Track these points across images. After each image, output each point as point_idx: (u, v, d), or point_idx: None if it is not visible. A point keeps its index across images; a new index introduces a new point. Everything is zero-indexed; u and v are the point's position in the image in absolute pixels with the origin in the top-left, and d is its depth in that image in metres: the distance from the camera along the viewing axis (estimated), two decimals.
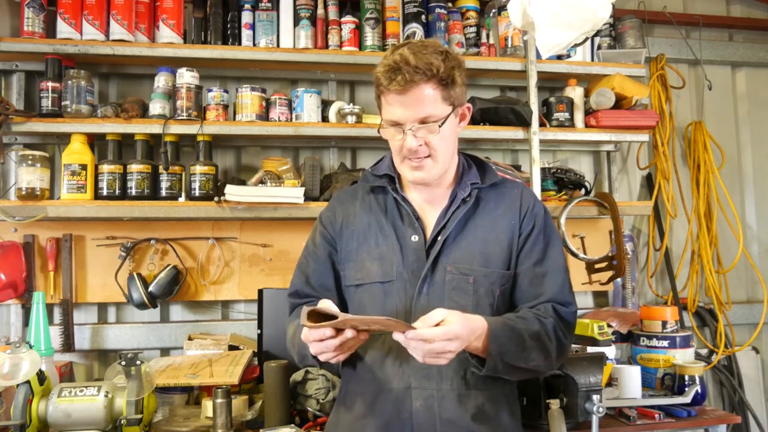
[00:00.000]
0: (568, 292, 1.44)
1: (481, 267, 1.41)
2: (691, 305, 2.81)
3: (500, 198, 1.49)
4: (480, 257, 1.41)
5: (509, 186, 1.52)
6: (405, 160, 1.39)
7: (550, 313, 1.39)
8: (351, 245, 1.47)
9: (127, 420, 1.66)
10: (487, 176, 1.50)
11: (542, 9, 1.73)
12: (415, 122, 1.34)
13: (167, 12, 2.26)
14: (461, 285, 1.39)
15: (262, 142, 2.50)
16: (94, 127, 2.16)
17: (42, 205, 2.09)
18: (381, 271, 1.42)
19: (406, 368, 1.36)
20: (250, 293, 2.40)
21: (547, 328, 1.35)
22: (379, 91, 1.38)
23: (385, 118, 1.39)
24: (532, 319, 1.36)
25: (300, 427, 1.81)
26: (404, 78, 1.29)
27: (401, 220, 1.46)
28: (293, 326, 1.46)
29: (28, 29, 2.16)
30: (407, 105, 1.33)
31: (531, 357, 1.32)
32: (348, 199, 1.55)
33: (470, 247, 1.42)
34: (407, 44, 1.37)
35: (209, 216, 2.28)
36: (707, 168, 2.84)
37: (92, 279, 2.32)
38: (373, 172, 1.52)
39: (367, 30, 2.42)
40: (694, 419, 1.97)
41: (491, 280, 1.41)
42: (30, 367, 1.61)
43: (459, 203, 1.44)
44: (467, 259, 1.41)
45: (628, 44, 2.66)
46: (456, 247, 1.42)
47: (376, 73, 1.37)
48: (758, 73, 3.07)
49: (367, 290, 1.43)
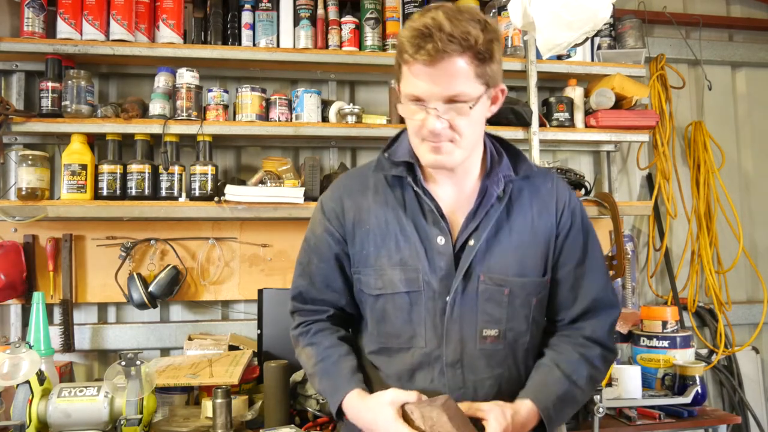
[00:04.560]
0: (612, 293, 1.35)
1: (517, 277, 1.25)
2: (691, 305, 2.81)
3: (534, 193, 1.31)
4: (515, 265, 1.25)
5: (542, 178, 1.34)
6: (424, 141, 1.18)
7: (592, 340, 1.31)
8: (367, 248, 1.28)
9: (127, 420, 1.66)
10: (520, 166, 1.30)
11: (543, 9, 1.72)
12: (440, 100, 1.13)
13: (167, 12, 2.26)
14: (495, 296, 1.24)
15: (262, 142, 2.50)
16: (94, 127, 2.16)
17: (42, 205, 2.09)
18: (405, 280, 1.25)
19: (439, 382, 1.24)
20: (250, 293, 2.40)
21: (594, 364, 1.29)
22: (402, 59, 1.14)
23: (405, 91, 1.17)
24: (579, 366, 1.27)
25: (300, 427, 1.81)
26: (435, 47, 1.08)
27: (423, 217, 1.26)
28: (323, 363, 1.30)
29: (28, 29, 2.16)
30: (435, 79, 1.11)
31: (581, 401, 1.31)
32: (357, 189, 1.32)
33: (505, 254, 1.25)
34: (440, 6, 1.13)
35: (209, 216, 2.28)
36: (707, 168, 2.84)
37: (92, 279, 2.32)
38: (390, 157, 1.29)
39: (367, 30, 2.42)
40: (694, 419, 1.97)
41: (527, 291, 1.26)
42: (30, 367, 1.61)
43: (493, 201, 1.25)
44: (502, 268, 1.25)
45: (628, 44, 2.66)
46: (489, 253, 1.25)
47: (400, 38, 1.14)
48: (758, 73, 3.07)
49: (390, 300, 1.27)
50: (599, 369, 1.30)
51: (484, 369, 1.25)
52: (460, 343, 1.24)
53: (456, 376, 1.24)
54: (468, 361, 1.24)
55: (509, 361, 1.27)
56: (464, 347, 1.24)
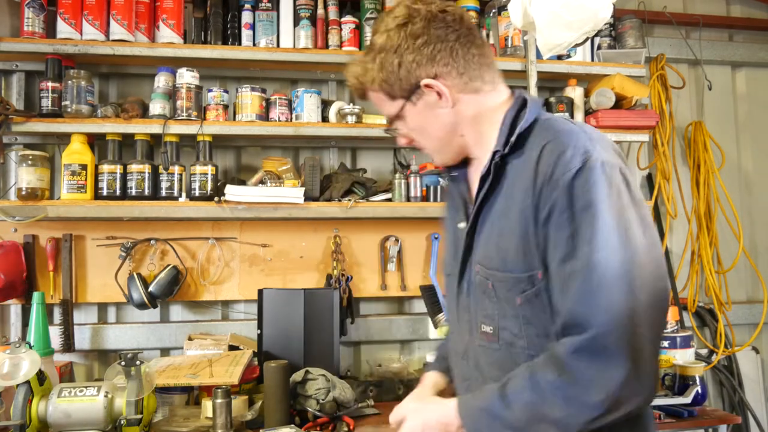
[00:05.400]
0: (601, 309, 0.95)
1: (498, 270, 1.11)
2: (691, 305, 2.81)
3: (521, 166, 1.10)
4: (496, 257, 1.11)
5: (536, 143, 1.08)
6: None
7: (552, 362, 0.99)
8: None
9: (127, 420, 1.66)
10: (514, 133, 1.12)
11: (543, 9, 1.72)
12: (390, 122, 1.25)
13: (167, 12, 2.26)
14: (487, 290, 1.13)
15: (262, 142, 2.50)
16: (94, 127, 2.16)
17: (42, 205, 2.09)
18: (447, 264, 1.32)
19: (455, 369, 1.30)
20: (250, 293, 2.40)
21: (541, 392, 0.99)
22: None
23: None
24: (521, 387, 1.01)
25: (300, 427, 1.81)
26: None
27: (453, 201, 1.32)
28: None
29: (28, 29, 2.16)
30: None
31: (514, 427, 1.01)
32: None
33: (488, 243, 1.14)
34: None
35: (209, 216, 2.28)
36: (707, 168, 2.84)
37: (92, 279, 2.32)
38: None
39: (368, 30, 2.41)
40: (694, 419, 1.97)
41: (508, 287, 1.09)
42: (30, 367, 1.61)
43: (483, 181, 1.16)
44: (485, 259, 1.14)
45: (628, 44, 2.66)
46: (477, 242, 1.17)
47: None
48: (758, 73, 3.07)
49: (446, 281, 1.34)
50: (548, 401, 0.98)
51: (487, 368, 1.18)
52: (468, 334, 1.22)
53: (464, 366, 1.24)
54: (472, 354, 1.22)
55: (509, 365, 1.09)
56: (469, 339, 1.21)
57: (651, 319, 0.96)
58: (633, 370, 0.93)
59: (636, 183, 1.03)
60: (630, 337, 0.94)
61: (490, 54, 1.22)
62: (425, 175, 2.38)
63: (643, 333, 0.95)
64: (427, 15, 1.14)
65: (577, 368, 0.96)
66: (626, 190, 1.00)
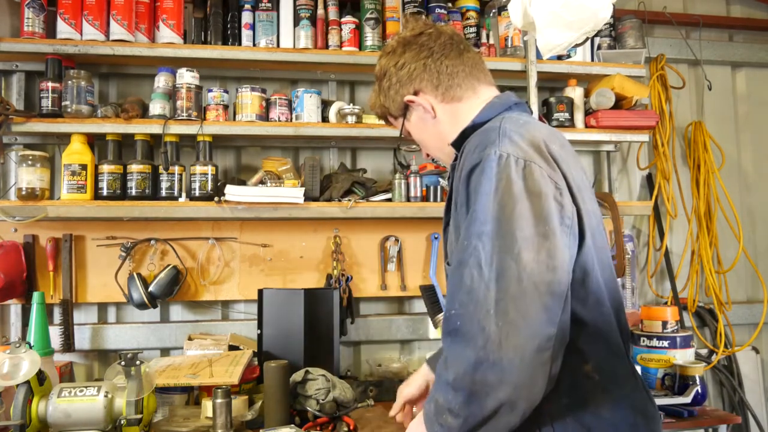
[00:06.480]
0: (460, 287, 0.98)
1: (449, 264, 1.19)
2: (691, 305, 2.81)
3: (459, 165, 1.16)
4: (450, 256, 1.19)
5: (469, 142, 1.14)
6: None
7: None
8: None
9: (127, 420, 1.66)
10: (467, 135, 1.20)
11: (543, 9, 1.72)
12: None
13: (167, 12, 2.26)
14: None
15: (262, 142, 2.50)
16: (94, 127, 2.16)
17: (42, 205, 2.09)
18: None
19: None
20: (250, 293, 2.40)
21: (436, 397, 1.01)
22: None
23: None
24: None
25: (300, 427, 1.81)
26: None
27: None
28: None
29: (28, 29, 2.16)
30: None
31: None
32: None
33: (448, 242, 1.24)
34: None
35: (209, 216, 2.28)
36: (707, 168, 2.84)
37: (92, 279, 2.32)
38: None
39: (367, 30, 2.42)
40: (694, 419, 1.97)
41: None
42: (30, 367, 1.61)
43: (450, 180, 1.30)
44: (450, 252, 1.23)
45: (628, 44, 2.66)
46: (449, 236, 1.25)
47: None
48: (758, 73, 3.07)
49: None
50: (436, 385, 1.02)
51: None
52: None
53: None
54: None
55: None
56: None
57: (525, 308, 0.93)
58: (487, 353, 0.91)
59: (560, 179, 1.03)
60: (485, 321, 0.92)
61: (469, 62, 1.28)
62: (425, 175, 2.38)
63: (512, 320, 0.92)
64: (402, 41, 1.29)
65: (445, 347, 1.00)
66: (521, 182, 0.98)
